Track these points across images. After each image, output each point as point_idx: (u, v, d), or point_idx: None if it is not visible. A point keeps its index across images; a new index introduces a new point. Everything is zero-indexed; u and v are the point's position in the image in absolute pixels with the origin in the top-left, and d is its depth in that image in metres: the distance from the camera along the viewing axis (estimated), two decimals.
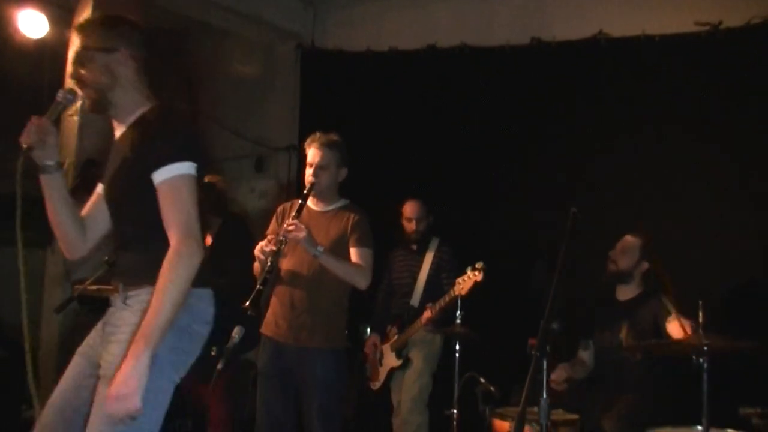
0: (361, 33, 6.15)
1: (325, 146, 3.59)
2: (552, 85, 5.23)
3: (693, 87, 4.73)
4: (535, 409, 2.64)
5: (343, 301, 3.62)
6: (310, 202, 3.64)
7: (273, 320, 3.57)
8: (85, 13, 5.29)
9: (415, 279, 4.82)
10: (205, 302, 2.28)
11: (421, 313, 4.54)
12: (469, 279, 4.16)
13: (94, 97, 2.29)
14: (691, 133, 4.70)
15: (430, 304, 4.49)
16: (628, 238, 4.04)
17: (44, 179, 2.29)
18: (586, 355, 4.11)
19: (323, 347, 3.50)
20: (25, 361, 2.19)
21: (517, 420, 2.60)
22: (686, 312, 3.40)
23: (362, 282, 3.54)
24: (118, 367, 2.00)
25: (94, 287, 3.89)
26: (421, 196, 4.92)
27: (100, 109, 2.32)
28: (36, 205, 2.28)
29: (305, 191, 3.56)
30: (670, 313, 3.51)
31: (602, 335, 4.04)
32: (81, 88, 2.31)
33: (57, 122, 2.31)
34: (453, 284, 4.25)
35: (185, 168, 2.16)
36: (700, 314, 2.93)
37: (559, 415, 3.57)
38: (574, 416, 3.60)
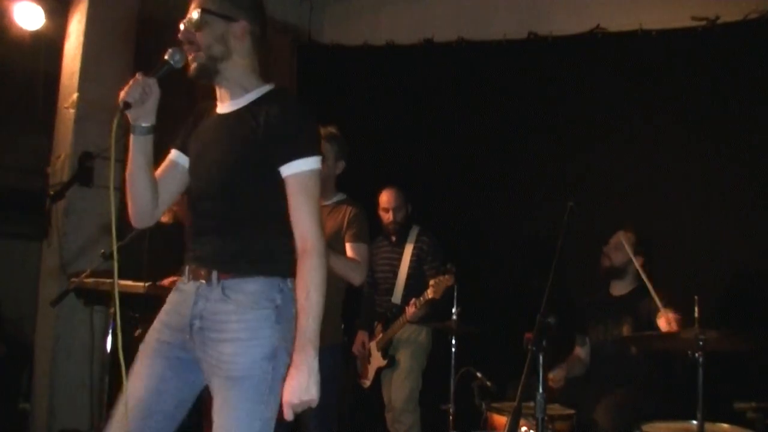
0: (357, 27, 6.14)
1: (323, 139, 3.57)
2: (549, 79, 5.23)
3: (690, 82, 4.74)
4: (532, 403, 2.64)
5: (339, 297, 3.59)
6: None
7: None
8: (81, 5, 5.26)
9: (395, 273, 4.71)
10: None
11: (404, 311, 4.49)
12: (441, 282, 4.19)
13: (204, 63, 2.14)
14: (687, 128, 4.71)
15: (413, 300, 4.42)
16: (621, 233, 4.05)
17: (135, 140, 2.13)
18: (583, 351, 4.13)
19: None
20: (22, 356, 2.18)
21: (513, 414, 2.61)
22: (680, 307, 3.41)
23: (357, 277, 3.52)
24: (269, 371, 2.08)
25: (91, 280, 3.88)
26: (420, 189, 4.90)
27: (205, 76, 2.18)
28: (33, 198, 2.23)
29: None
30: (659, 308, 3.53)
31: (596, 330, 4.05)
32: (191, 51, 2.14)
33: (161, 83, 2.13)
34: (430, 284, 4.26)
35: (317, 162, 2.12)
36: (696, 309, 2.93)
37: (555, 409, 3.58)
38: (570, 411, 3.61)
